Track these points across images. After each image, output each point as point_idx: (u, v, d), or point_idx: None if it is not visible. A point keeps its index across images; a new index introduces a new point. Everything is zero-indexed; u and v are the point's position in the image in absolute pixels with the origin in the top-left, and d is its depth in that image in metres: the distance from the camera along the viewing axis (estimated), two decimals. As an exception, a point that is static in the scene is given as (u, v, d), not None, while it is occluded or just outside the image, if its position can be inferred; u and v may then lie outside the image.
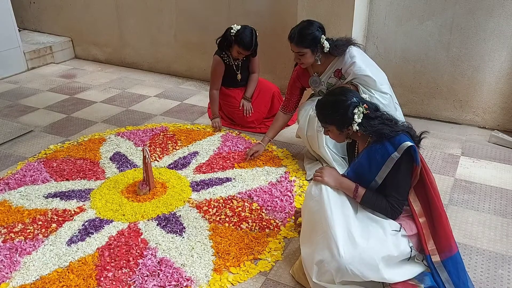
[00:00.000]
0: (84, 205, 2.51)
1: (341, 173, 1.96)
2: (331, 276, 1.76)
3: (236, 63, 3.37)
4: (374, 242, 1.75)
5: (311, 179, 2.74)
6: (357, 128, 1.83)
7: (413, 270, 1.82)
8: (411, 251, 1.81)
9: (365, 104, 1.85)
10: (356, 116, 1.82)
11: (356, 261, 1.70)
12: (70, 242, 2.22)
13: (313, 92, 2.96)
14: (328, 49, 2.61)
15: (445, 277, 1.78)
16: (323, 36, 2.60)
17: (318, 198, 1.85)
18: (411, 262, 1.83)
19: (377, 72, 2.67)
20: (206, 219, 2.38)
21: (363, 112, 1.83)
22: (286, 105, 2.95)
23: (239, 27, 3.18)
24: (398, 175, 1.80)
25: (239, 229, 2.30)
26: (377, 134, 1.82)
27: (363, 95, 2.49)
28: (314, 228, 1.85)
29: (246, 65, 3.42)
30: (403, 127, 1.85)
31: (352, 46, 2.65)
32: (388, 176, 1.82)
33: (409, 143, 1.77)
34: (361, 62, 2.59)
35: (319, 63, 2.69)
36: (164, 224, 2.34)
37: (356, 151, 2.00)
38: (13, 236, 2.26)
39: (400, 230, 1.81)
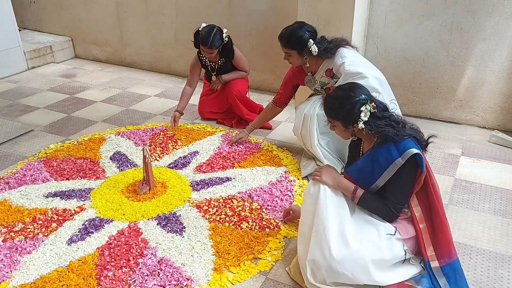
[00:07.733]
0: (84, 204, 2.51)
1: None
2: (324, 276, 1.75)
3: (212, 65, 3.38)
4: (367, 244, 1.74)
5: (306, 177, 2.76)
6: (363, 126, 1.79)
7: (406, 272, 1.81)
8: (405, 254, 1.79)
9: (373, 103, 1.79)
10: (362, 114, 1.77)
11: (347, 263, 1.70)
12: (70, 241, 2.22)
13: (312, 92, 2.96)
14: (316, 53, 2.61)
15: (443, 283, 1.77)
16: (311, 40, 2.59)
17: (316, 198, 1.84)
18: (406, 264, 1.82)
19: (370, 69, 2.59)
20: (206, 218, 2.38)
21: (370, 111, 1.78)
22: (278, 99, 2.98)
23: (204, 24, 3.18)
24: (399, 181, 1.78)
25: (239, 228, 2.30)
26: (382, 135, 1.78)
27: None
28: (310, 227, 1.84)
29: (226, 68, 3.39)
30: (410, 131, 1.81)
31: (342, 47, 2.61)
32: (390, 180, 1.80)
33: (414, 150, 1.73)
34: (351, 62, 2.55)
35: (307, 65, 2.70)
36: (164, 223, 2.34)
37: (360, 150, 1.97)
38: (13, 235, 2.26)
39: (395, 234, 1.79)
